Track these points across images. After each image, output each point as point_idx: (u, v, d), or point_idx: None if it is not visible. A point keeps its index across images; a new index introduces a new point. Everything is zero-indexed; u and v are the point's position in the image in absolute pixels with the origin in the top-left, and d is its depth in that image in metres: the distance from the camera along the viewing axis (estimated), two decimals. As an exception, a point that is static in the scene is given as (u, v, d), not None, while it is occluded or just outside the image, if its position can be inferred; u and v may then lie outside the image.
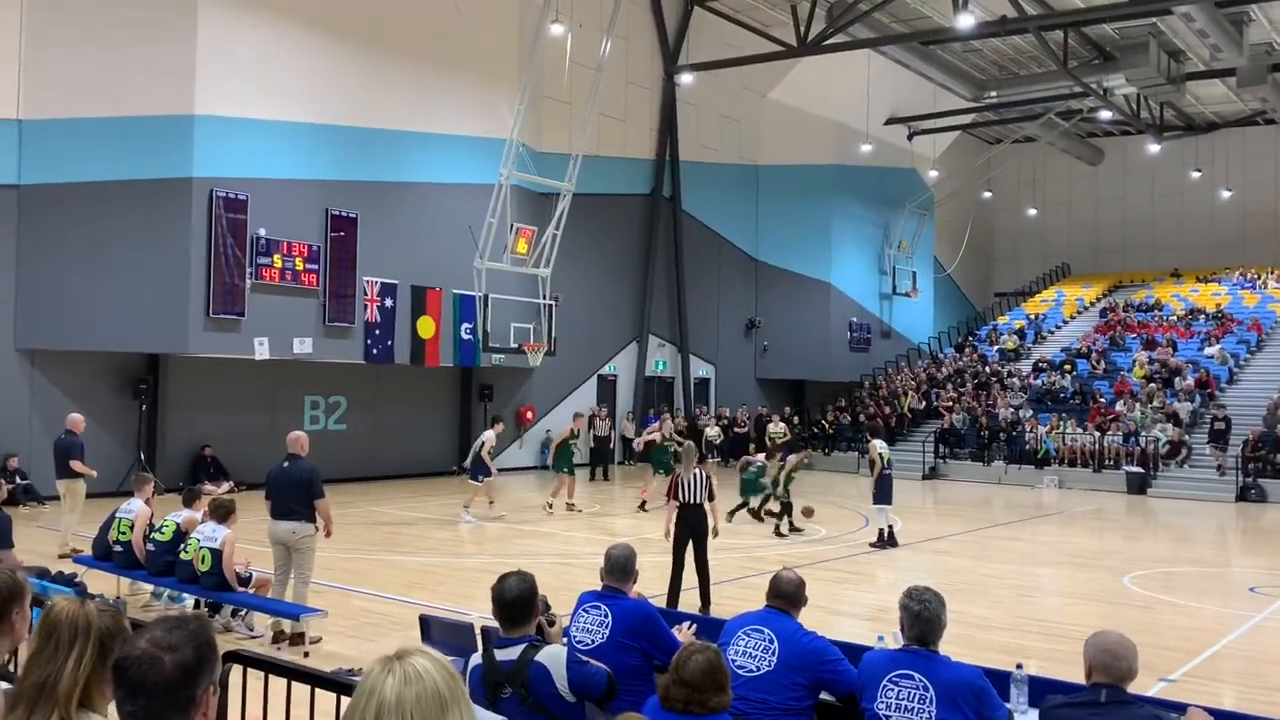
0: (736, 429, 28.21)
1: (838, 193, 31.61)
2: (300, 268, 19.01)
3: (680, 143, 29.07)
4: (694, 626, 5.23)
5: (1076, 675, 4.07)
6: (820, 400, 31.82)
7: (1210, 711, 3.94)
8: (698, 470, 9.66)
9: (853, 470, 26.43)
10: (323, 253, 19.45)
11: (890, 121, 32.53)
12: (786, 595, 4.63)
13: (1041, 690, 4.39)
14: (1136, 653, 3.73)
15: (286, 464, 8.71)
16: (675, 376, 30.02)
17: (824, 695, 4.49)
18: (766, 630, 4.51)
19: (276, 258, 18.62)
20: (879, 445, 14.82)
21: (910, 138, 33.73)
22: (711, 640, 4.56)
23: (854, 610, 10.33)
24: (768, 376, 32.16)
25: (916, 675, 4.04)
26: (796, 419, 28.56)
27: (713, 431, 23.22)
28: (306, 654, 7.82)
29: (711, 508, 9.62)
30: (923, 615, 4.07)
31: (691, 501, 9.52)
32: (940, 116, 32.49)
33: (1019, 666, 4.60)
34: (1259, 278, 34.83)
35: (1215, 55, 25.58)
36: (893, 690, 4.06)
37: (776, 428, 23.92)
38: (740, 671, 4.41)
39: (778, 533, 15.10)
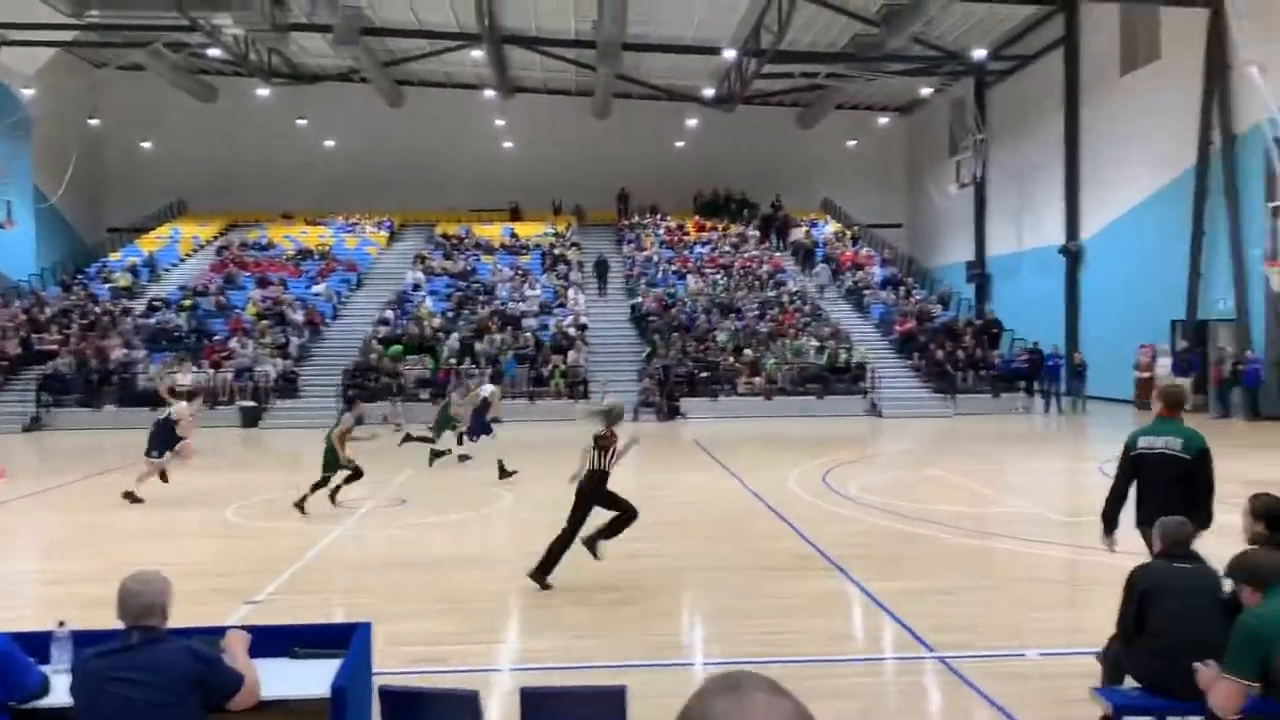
0: None
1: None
2: None
3: None
4: None
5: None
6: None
7: (254, 628, 4.21)
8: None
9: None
10: None
11: (-31, 24, 28.12)
12: None
13: (87, 644, 4.22)
14: (160, 587, 3.78)
15: None
16: None
17: None
18: None
19: None
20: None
21: (-3, 46, 29.62)
22: None
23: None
24: None
25: (-76, 659, 3.56)
26: None
27: None
28: None
29: None
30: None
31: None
32: (34, 29, 29.09)
33: (61, 624, 4.36)
34: (358, 222, 38.58)
35: (314, 11, 27.28)
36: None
37: None
38: None
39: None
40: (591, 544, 8.54)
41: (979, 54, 32.05)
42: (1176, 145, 25.61)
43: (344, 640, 4.62)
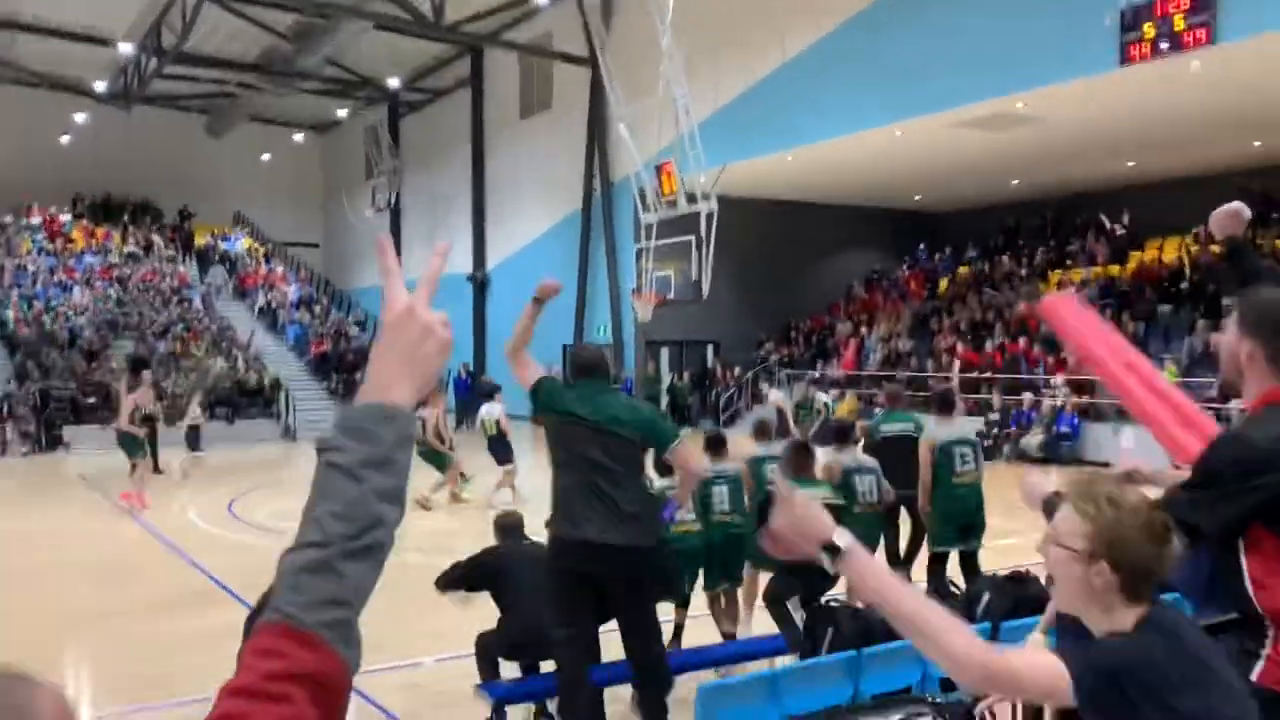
0: None
1: None
2: None
3: None
4: None
5: None
6: None
7: None
8: None
9: None
10: None
11: None
12: None
13: None
14: None
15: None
16: None
17: None
18: None
19: None
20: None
21: None
22: None
23: None
24: None
25: None
26: None
27: None
28: None
29: None
30: None
31: None
32: None
33: None
34: None
35: None
36: None
37: None
38: None
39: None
40: None
41: (393, 83, 32.92)
42: (567, 187, 28.62)
43: None
